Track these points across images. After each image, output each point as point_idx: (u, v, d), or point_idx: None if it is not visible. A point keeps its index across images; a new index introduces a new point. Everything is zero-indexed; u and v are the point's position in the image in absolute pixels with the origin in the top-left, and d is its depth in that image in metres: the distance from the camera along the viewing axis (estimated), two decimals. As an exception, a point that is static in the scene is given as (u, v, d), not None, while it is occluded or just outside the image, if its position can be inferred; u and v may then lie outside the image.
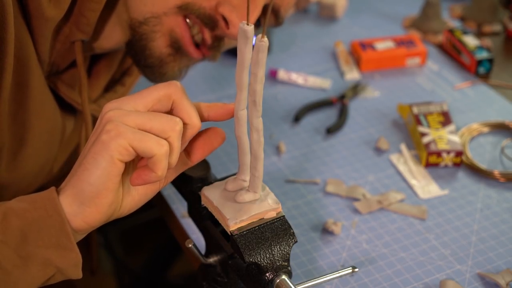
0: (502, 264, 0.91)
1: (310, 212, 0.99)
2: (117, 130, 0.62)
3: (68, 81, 0.91)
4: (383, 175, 1.06)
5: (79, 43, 0.85)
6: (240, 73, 0.64)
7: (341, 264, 0.91)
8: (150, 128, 0.63)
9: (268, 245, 0.69)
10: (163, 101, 0.66)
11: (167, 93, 0.66)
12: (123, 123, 0.63)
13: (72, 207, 0.64)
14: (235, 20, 0.82)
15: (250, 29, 0.61)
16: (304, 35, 1.42)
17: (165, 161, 0.64)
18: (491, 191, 1.03)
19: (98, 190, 0.64)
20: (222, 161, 1.08)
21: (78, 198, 0.64)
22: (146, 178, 0.65)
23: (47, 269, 0.64)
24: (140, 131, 0.63)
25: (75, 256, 0.65)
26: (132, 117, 0.63)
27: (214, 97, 1.24)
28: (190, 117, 0.66)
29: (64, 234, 0.64)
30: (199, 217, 0.79)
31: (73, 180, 0.65)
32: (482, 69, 1.29)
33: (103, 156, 0.63)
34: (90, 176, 0.63)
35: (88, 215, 0.65)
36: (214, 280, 0.80)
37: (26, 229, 0.64)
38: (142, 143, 0.62)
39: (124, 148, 0.62)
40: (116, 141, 0.62)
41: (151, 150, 0.63)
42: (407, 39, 1.34)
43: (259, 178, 0.70)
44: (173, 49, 0.86)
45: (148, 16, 0.83)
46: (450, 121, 1.11)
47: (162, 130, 0.63)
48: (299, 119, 1.17)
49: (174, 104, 0.66)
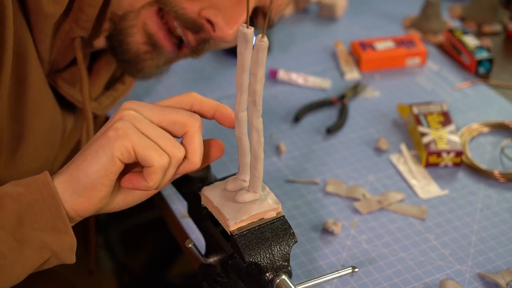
0: (502, 264, 0.91)
1: (310, 212, 0.99)
2: (125, 131, 0.63)
3: (69, 79, 0.91)
4: (383, 175, 1.06)
5: (78, 40, 0.85)
6: (240, 76, 0.64)
7: (341, 264, 0.91)
8: (157, 142, 0.65)
9: (268, 245, 0.69)
10: (177, 127, 0.67)
11: (185, 123, 0.67)
12: (133, 126, 0.64)
13: (64, 194, 0.65)
14: (221, 22, 0.81)
15: (250, 32, 0.61)
16: (304, 35, 1.42)
17: (160, 174, 0.65)
18: (491, 191, 1.03)
19: (93, 183, 0.64)
20: (222, 161, 1.08)
21: (72, 186, 0.65)
22: (137, 184, 0.66)
23: (42, 253, 0.65)
24: (146, 139, 0.64)
25: (70, 240, 0.66)
26: (144, 125, 0.65)
27: (214, 97, 1.23)
28: (194, 155, 0.67)
29: (60, 218, 0.65)
30: (199, 217, 0.79)
31: (71, 168, 0.66)
32: (482, 69, 1.29)
33: (104, 152, 0.64)
34: (88, 168, 0.64)
35: (79, 205, 0.66)
36: (214, 280, 0.80)
37: (22, 212, 0.64)
38: (144, 151, 0.64)
39: (126, 149, 0.63)
40: (121, 140, 0.63)
41: (151, 159, 0.64)
42: (407, 39, 1.34)
43: (259, 178, 0.70)
44: (150, 46, 0.85)
45: (128, 10, 0.82)
46: (450, 121, 1.11)
47: (165, 150, 0.65)
48: (299, 119, 1.17)
49: (186, 136, 0.67)
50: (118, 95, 0.99)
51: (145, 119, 0.65)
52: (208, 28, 0.82)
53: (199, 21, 0.82)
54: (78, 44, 0.85)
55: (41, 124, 0.87)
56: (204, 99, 0.71)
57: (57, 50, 0.86)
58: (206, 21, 0.82)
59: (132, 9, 0.82)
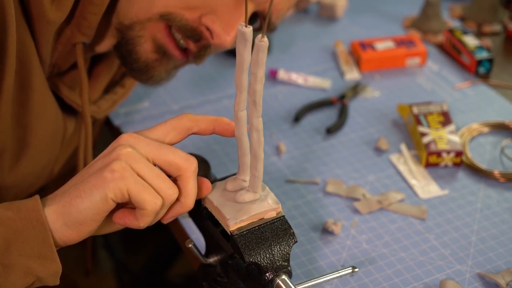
0: (502, 264, 0.91)
1: (310, 212, 0.99)
2: (122, 173, 0.64)
3: (69, 83, 0.91)
4: (383, 175, 1.06)
5: (80, 46, 0.85)
6: (240, 75, 0.64)
7: (341, 264, 0.91)
8: (151, 184, 0.65)
9: (268, 245, 0.69)
10: (172, 168, 0.67)
11: (181, 167, 0.67)
12: (130, 168, 0.64)
13: (54, 224, 0.66)
14: (218, 29, 0.82)
15: (248, 31, 0.61)
16: (304, 35, 1.42)
17: (152, 217, 0.66)
18: (491, 191, 1.03)
19: (84, 219, 0.65)
20: (222, 161, 1.08)
21: (63, 218, 0.65)
22: (128, 222, 0.67)
23: (27, 278, 0.65)
24: (142, 182, 0.64)
25: (55, 266, 0.66)
26: (141, 165, 0.65)
27: (214, 97, 1.24)
28: (187, 198, 0.68)
29: (47, 246, 0.65)
30: (199, 217, 0.79)
31: (64, 200, 0.66)
32: (482, 69, 1.29)
33: (99, 192, 0.64)
34: (81, 204, 0.65)
35: (68, 236, 0.66)
36: (214, 280, 0.80)
37: (10, 237, 0.64)
38: (139, 194, 0.64)
39: (121, 191, 0.64)
40: (116, 183, 0.64)
41: (144, 203, 0.64)
42: (407, 39, 1.34)
43: (259, 178, 0.70)
44: (159, 54, 0.86)
45: (134, 21, 0.83)
46: (450, 121, 1.11)
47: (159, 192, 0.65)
48: (299, 119, 1.17)
49: (180, 178, 0.67)
50: (117, 99, 0.99)
51: (142, 158, 0.65)
52: (207, 36, 0.83)
53: (199, 29, 0.83)
54: (80, 49, 0.86)
55: (44, 128, 0.87)
56: (200, 117, 0.70)
57: (58, 54, 0.86)
58: (205, 28, 0.83)
59: (138, 20, 0.83)
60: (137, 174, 0.64)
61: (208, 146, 1.11)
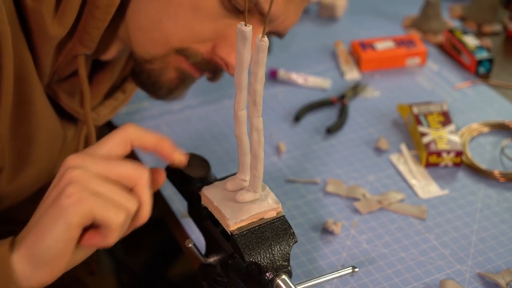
0: (502, 264, 0.91)
1: (310, 212, 0.99)
2: (79, 196, 0.60)
3: (69, 89, 0.90)
4: (383, 175, 1.06)
5: (82, 57, 0.85)
6: (239, 74, 0.64)
7: (341, 264, 0.91)
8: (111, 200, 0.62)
9: (268, 245, 0.69)
10: (125, 180, 0.64)
11: (133, 177, 0.64)
12: (86, 188, 0.61)
13: (25, 271, 0.62)
14: (233, 61, 0.82)
15: (248, 30, 0.61)
16: (304, 35, 1.42)
17: (120, 231, 0.62)
18: (491, 191, 1.03)
19: (54, 255, 0.62)
20: (222, 161, 1.08)
21: (32, 262, 0.62)
22: (97, 243, 0.63)
23: None
24: (101, 200, 0.61)
25: None
26: (95, 183, 0.62)
27: (214, 97, 1.24)
28: (144, 208, 0.65)
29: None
30: (199, 217, 0.79)
31: (30, 241, 0.62)
32: (482, 69, 1.29)
33: (61, 221, 0.60)
34: (47, 239, 0.61)
35: (43, 277, 0.63)
36: (214, 280, 0.80)
37: None
38: (102, 212, 0.61)
39: (84, 214, 0.61)
40: (76, 207, 0.60)
41: (108, 219, 0.61)
42: (407, 39, 1.34)
43: (259, 178, 0.70)
44: (181, 79, 0.88)
45: (153, 56, 0.85)
46: (450, 121, 1.11)
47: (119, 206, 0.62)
48: (299, 119, 1.17)
49: (135, 190, 0.64)
50: (118, 105, 0.98)
51: (94, 176, 0.62)
52: (222, 65, 0.85)
53: (214, 60, 0.85)
54: (81, 61, 0.85)
55: (44, 139, 0.85)
56: (143, 134, 0.66)
57: (59, 64, 0.85)
58: (220, 58, 0.84)
59: (157, 55, 0.84)
60: (94, 192, 0.61)
61: (208, 146, 1.11)
